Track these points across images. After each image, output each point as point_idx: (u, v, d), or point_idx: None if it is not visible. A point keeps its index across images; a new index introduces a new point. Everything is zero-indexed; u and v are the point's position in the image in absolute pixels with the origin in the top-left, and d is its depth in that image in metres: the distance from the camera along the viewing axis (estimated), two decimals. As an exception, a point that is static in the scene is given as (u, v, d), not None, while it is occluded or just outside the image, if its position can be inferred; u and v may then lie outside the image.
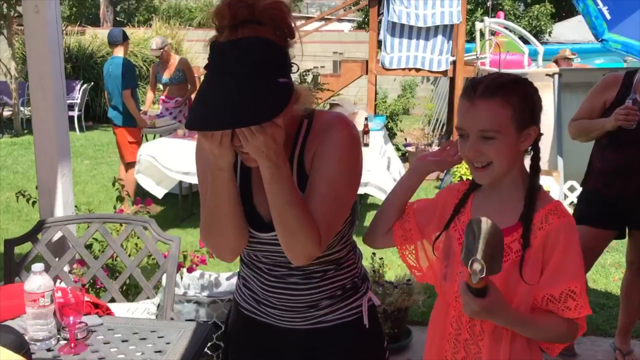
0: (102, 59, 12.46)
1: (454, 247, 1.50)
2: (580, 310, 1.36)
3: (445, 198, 1.58)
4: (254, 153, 1.25)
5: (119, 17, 21.42)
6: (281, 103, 1.22)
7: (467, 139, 1.42)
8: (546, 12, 15.31)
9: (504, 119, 1.37)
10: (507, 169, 1.42)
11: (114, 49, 5.99)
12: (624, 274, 3.25)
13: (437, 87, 11.40)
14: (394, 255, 4.78)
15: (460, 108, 1.44)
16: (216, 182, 1.33)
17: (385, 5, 7.55)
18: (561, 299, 1.37)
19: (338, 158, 1.36)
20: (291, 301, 1.49)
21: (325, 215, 1.34)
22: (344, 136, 1.38)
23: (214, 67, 1.23)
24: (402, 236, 1.61)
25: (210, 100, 1.20)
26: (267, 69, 1.22)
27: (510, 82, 1.41)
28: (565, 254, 1.37)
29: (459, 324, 1.50)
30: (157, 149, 5.34)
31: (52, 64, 2.53)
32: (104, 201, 6.52)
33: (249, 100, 1.18)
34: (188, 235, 5.36)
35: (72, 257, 2.47)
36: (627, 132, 2.69)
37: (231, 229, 1.38)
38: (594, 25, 5.29)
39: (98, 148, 9.89)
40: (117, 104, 5.95)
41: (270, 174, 1.27)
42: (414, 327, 3.43)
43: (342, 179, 1.37)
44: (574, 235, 1.39)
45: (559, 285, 1.36)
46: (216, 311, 3.01)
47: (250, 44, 1.22)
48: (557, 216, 1.39)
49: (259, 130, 1.21)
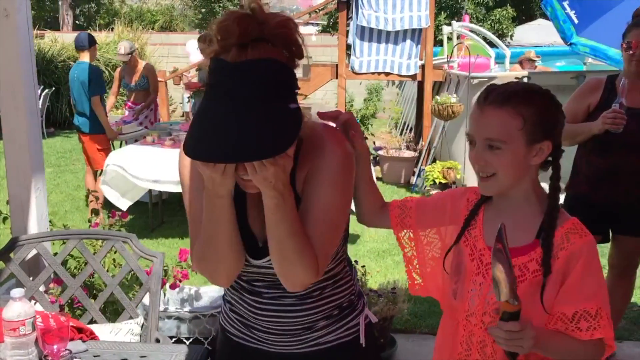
0: (62, 64, 12.15)
1: (465, 262, 1.45)
2: (593, 332, 1.31)
3: (454, 203, 1.53)
4: (260, 184, 1.16)
5: (79, 21, 20.91)
6: (294, 131, 1.14)
7: (475, 146, 1.38)
8: (508, 15, 15.55)
9: (512, 129, 1.32)
10: (512, 182, 1.37)
11: (81, 54, 5.82)
12: (606, 277, 3.26)
13: (403, 90, 11.46)
14: (373, 262, 4.74)
15: (472, 114, 1.39)
16: (214, 210, 1.23)
17: (354, 9, 7.53)
18: (574, 319, 1.32)
19: (333, 182, 1.29)
20: (285, 324, 1.41)
21: (322, 242, 1.28)
22: (339, 157, 1.30)
23: (220, 90, 1.13)
24: (398, 216, 1.57)
25: (219, 128, 1.10)
26: (280, 94, 1.14)
27: (524, 92, 1.36)
28: (583, 273, 1.33)
29: (469, 344, 1.45)
30: (125, 157, 5.17)
31: (23, 71, 2.39)
32: (70, 211, 6.31)
33: (263, 130, 1.09)
34: (160, 245, 5.21)
35: (48, 276, 2.33)
36: (613, 136, 2.70)
37: (229, 255, 1.29)
38: (562, 29, 5.35)
39: (61, 155, 9.61)
40: (84, 110, 5.77)
41: (275, 204, 1.19)
42: (398, 336, 3.38)
43: (338, 203, 1.30)
44: (595, 255, 1.36)
45: (573, 304, 1.32)
46: (198, 327, 2.92)
47: (263, 67, 1.12)
48: (578, 235, 1.35)
49: (270, 161, 1.12)
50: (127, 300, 2.27)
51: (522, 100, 1.34)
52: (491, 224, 1.43)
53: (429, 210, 1.55)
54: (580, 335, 1.31)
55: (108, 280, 2.31)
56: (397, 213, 1.57)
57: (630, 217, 2.91)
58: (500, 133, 1.32)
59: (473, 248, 1.43)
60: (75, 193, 7.08)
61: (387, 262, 4.76)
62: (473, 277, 1.42)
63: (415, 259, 1.59)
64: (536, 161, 1.37)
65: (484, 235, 1.43)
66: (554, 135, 1.36)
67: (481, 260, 1.41)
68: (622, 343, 3.43)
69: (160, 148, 5.24)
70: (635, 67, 2.77)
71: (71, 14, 19.39)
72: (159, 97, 9.30)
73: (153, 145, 5.34)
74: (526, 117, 1.32)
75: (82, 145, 6.02)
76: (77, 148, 10.12)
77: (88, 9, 22.06)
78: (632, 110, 2.71)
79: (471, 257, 1.43)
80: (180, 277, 2.72)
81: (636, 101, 2.78)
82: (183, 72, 9.11)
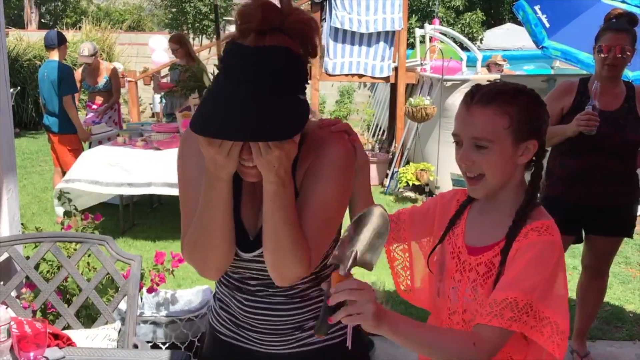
0: (28, 63, 11.88)
1: (447, 261, 1.44)
2: (511, 323, 1.22)
3: (443, 206, 1.52)
4: (263, 167, 1.16)
5: (44, 19, 20.48)
6: (303, 119, 1.15)
7: (462, 146, 1.37)
8: (477, 19, 15.76)
9: (498, 128, 1.31)
10: (500, 183, 1.36)
11: (50, 53, 5.69)
12: (580, 278, 3.31)
13: (375, 93, 11.49)
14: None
15: (458, 114, 1.38)
16: (212, 194, 1.22)
17: (327, 10, 7.52)
18: (501, 304, 1.23)
19: (334, 177, 1.29)
20: (275, 323, 1.40)
21: (316, 236, 1.27)
22: (341, 154, 1.30)
23: (236, 71, 1.13)
24: (392, 230, 1.54)
25: (230, 108, 1.10)
26: (292, 82, 1.16)
27: (510, 91, 1.35)
28: (527, 266, 1.27)
29: None
30: (92, 166, 4.95)
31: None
32: (37, 213, 6.16)
33: (275, 112, 1.10)
34: (132, 248, 5.12)
35: (20, 280, 2.26)
36: (586, 138, 2.74)
37: (222, 244, 1.27)
38: (534, 33, 5.43)
39: (27, 156, 9.39)
40: (54, 110, 5.64)
41: (274, 191, 1.18)
42: (375, 338, 3.38)
43: (336, 199, 1.30)
44: (549, 256, 1.28)
45: (505, 291, 1.25)
46: (174, 331, 2.86)
47: (280, 54, 1.13)
48: (538, 233, 1.30)
49: (277, 145, 1.12)
50: (103, 305, 2.21)
51: (509, 99, 1.33)
52: (474, 222, 1.43)
53: (421, 219, 1.54)
54: (495, 323, 1.23)
55: (83, 285, 2.24)
56: (391, 227, 1.54)
57: (602, 217, 2.96)
58: (487, 132, 1.32)
59: (454, 246, 1.43)
60: (43, 195, 6.92)
61: (363, 263, 4.75)
62: (452, 274, 1.42)
63: (408, 270, 1.59)
64: (523, 160, 1.36)
65: (464, 234, 1.43)
66: (540, 134, 1.36)
67: (459, 258, 1.41)
68: (596, 342, 3.49)
69: (131, 149, 5.14)
70: (607, 71, 2.82)
71: (36, 12, 18.99)
72: (129, 98, 9.19)
73: (124, 146, 5.24)
74: (513, 116, 1.31)
75: (51, 146, 5.88)
76: (44, 149, 9.90)
77: (54, 7, 21.63)
78: (604, 113, 2.75)
79: (452, 255, 1.43)
80: (157, 281, 2.67)
81: (608, 104, 2.83)
82: (154, 73, 9.00)
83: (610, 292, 4.00)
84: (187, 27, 18.63)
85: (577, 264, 4.43)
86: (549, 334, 1.24)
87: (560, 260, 1.30)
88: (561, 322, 1.25)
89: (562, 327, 1.25)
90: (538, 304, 1.23)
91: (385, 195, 6.99)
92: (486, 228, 1.39)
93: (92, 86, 6.87)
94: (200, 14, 18.10)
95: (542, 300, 1.24)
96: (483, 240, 1.38)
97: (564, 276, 1.30)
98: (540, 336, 1.25)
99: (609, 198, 2.90)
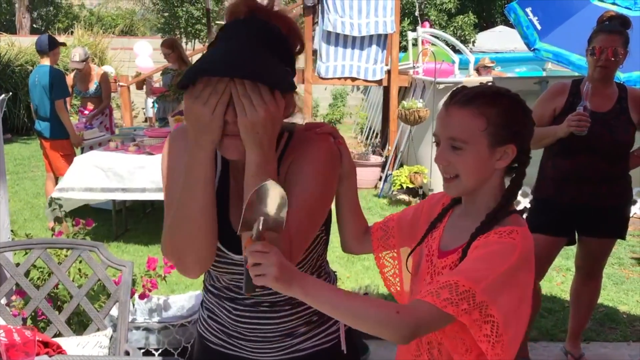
0: (20, 68, 11.83)
1: (422, 263, 1.43)
2: (446, 304, 1.16)
3: (430, 207, 1.51)
4: (246, 132, 1.15)
5: (36, 24, 20.40)
6: (289, 85, 1.20)
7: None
8: (470, 22, 15.82)
9: (474, 129, 1.29)
10: (474, 184, 1.33)
11: (42, 58, 5.67)
12: (573, 279, 3.31)
13: (368, 96, 11.50)
14: (343, 267, 4.72)
15: (438, 115, 1.37)
16: (192, 166, 1.19)
17: (320, 14, 7.52)
18: (440, 285, 1.19)
19: (315, 172, 1.28)
20: (265, 331, 1.39)
21: (298, 231, 1.23)
22: (324, 150, 1.31)
23: (231, 33, 1.20)
24: (380, 238, 1.53)
25: (223, 52, 1.16)
26: (281, 51, 1.21)
27: (490, 94, 1.33)
28: (479, 259, 1.23)
29: (419, 345, 1.42)
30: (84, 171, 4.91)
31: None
32: (29, 219, 6.12)
33: (258, 58, 1.15)
34: (125, 253, 5.09)
35: (10, 288, 2.24)
36: (578, 139, 2.74)
37: (202, 231, 1.22)
38: (525, 35, 5.45)
39: (19, 162, 9.33)
40: (46, 115, 5.61)
41: (256, 164, 1.17)
42: (370, 342, 3.37)
43: (317, 193, 1.28)
44: (506, 255, 1.23)
45: (451, 276, 1.21)
46: (167, 337, 2.85)
47: (272, 27, 1.21)
48: (499, 236, 1.27)
49: (261, 105, 1.13)
50: (94, 312, 2.19)
51: (487, 101, 1.31)
52: (452, 226, 1.42)
53: (408, 226, 1.53)
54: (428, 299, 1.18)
55: (74, 291, 2.23)
56: (379, 235, 1.54)
57: (595, 219, 2.96)
58: (462, 132, 1.30)
59: (430, 249, 1.42)
60: (35, 201, 6.88)
61: (357, 267, 4.75)
62: (424, 276, 1.40)
63: (397, 277, 1.58)
64: (500, 165, 1.33)
65: (441, 237, 1.41)
66: (518, 139, 1.33)
67: (432, 261, 1.39)
68: (590, 344, 3.49)
69: (123, 154, 5.12)
70: (599, 73, 2.83)
71: (28, 17, 18.89)
72: (122, 102, 9.16)
73: (117, 151, 5.21)
74: (490, 118, 1.29)
75: (43, 151, 5.85)
76: (36, 155, 9.85)
77: (46, 12, 21.55)
78: (596, 114, 2.76)
79: (427, 258, 1.41)
80: (149, 287, 2.65)
81: (600, 105, 2.84)
82: (146, 77, 8.97)
83: (604, 294, 4.00)
84: (179, 31, 18.60)
85: (570, 265, 4.44)
86: (487, 332, 1.20)
87: (523, 266, 1.24)
88: (504, 328, 1.19)
89: (501, 331, 1.19)
90: (484, 297, 1.18)
91: (379, 198, 6.99)
92: (460, 232, 1.36)
93: (84, 92, 6.85)
94: (193, 18, 18.08)
95: (490, 296, 1.18)
96: (454, 244, 1.36)
97: (527, 287, 1.24)
98: (477, 330, 1.20)
99: (601, 199, 2.91)
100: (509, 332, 1.21)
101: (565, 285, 4.26)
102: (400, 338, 1.18)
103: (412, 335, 1.18)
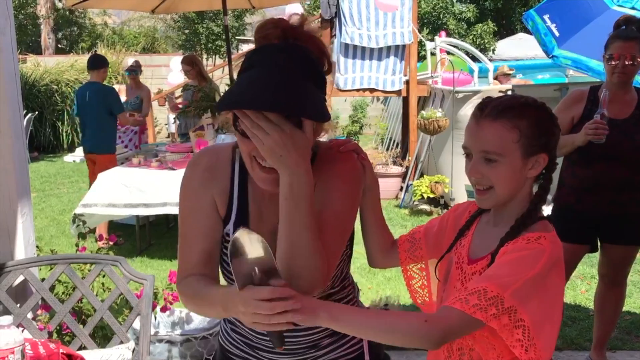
0: (45, 88, 12.08)
1: (452, 270, 1.45)
2: (475, 310, 1.18)
3: (456, 217, 1.53)
4: (270, 158, 1.17)
5: (61, 44, 20.82)
6: (328, 115, 1.20)
7: (472, 158, 1.38)
8: (489, 30, 15.76)
9: (508, 142, 1.32)
10: (509, 195, 1.36)
11: (91, 74, 5.92)
12: (597, 287, 3.27)
13: (388, 106, 11.51)
14: (364, 278, 4.72)
15: (467, 127, 1.39)
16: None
17: (337, 27, 7.58)
18: (469, 292, 1.21)
19: (343, 191, 1.31)
20: (289, 343, 1.39)
21: (331, 247, 1.26)
22: (349, 169, 1.35)
23: (266, 60, 1.20)
24: (407, 250, 1.55)
25: (264, 84, 1.16)
26: (317, 77, 1.23)
27: (520, 105, 1.36)
28: (506, 264, 1.25)
29: (450, 351, 1.44)
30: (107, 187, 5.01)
31: (9, 95, 2.36)
32: (55, 235, 6.23)
33: (310, 94, 1.17)
34: (148, 267, 5.16)
35: (36, 302, 2.29)
36: (596, 147, 2.72)
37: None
38: (543, 42, 5.42)
39: (45, 180, 9.51)
40: (97, 131, 5.78)
41: (289, 184, 1.18)
42: (391, 352, 3.35)
43: (347, 211, 1.32)
44: (533, 260, 1.24)
45: (479, 283, 1.23)
46: (190, 350, 2.88)
47: (305, 51, 1.22)
48: (527, 241, 1.29)
49: (271, 128, 1.15)
50: (117, 325, 2.23)
51: (518, 113, 1.34)
52: (480, 234, 1.44)
53: (435, 236, 1.54)
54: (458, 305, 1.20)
55: (97, 305, 2.27)
56: (407, 247, 1.55)
57: (616, 226, 2.93)
58: (496, 146, 1.32)
59: (459, 256, 1.44)
60: (61, 217, 7.00)
61: (379, 278, 4.74)
62: (455, 283, 1.42)
63: (426, 288, 1.59)
64: (532, 174, 1.36)
65: (470, 244, 1.43)
66: (549, 147, 1.36)
67: (462, 268, 1.41)
68: (616, 353, 3.44)
69: (146, 170, 5.20)
70: (617, 79, 2.81)
71: (53, 38, 19.31)
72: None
73: (139, 167, 5.30)
74: (522, 129, 1.32)
75: (90, 169, 5.93)
76: (62, 172, 10.05)
77: (70, 32, 21.98)
78: (614, 121, 2.74)
79: (456, 266, 1.43)
80: (171, 300, 2.69)
81: (618, 112, 2.82)
82: (168, 94, 9.10)
83: (630, 301, 3.94)
84: (200, 47, 18.84)
85: (594, 273, 4.37)
86: (519, 336, 1.21)
87: (552, 271, 1.26)
88: (535, 332, 1.21)
89: (533, 335, 1.21)
90: (512, 302, 1.19)
91: (400, 209, 6.98)
92: (490, 239, 1.39)
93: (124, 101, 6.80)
94: (213, 34, 18.29)
95: (518, 300, 1.20)
96: (484, 251, 1.39)
97: (557, 292, 1.26)
98: (509, 335, 1.21)
99: (621, 206, 2.88)
100: (542, 336, 1.23)
101: (590, 293, 4.20)
102: (431, 345, 1.23)
103: (443, 341, 1.22)
